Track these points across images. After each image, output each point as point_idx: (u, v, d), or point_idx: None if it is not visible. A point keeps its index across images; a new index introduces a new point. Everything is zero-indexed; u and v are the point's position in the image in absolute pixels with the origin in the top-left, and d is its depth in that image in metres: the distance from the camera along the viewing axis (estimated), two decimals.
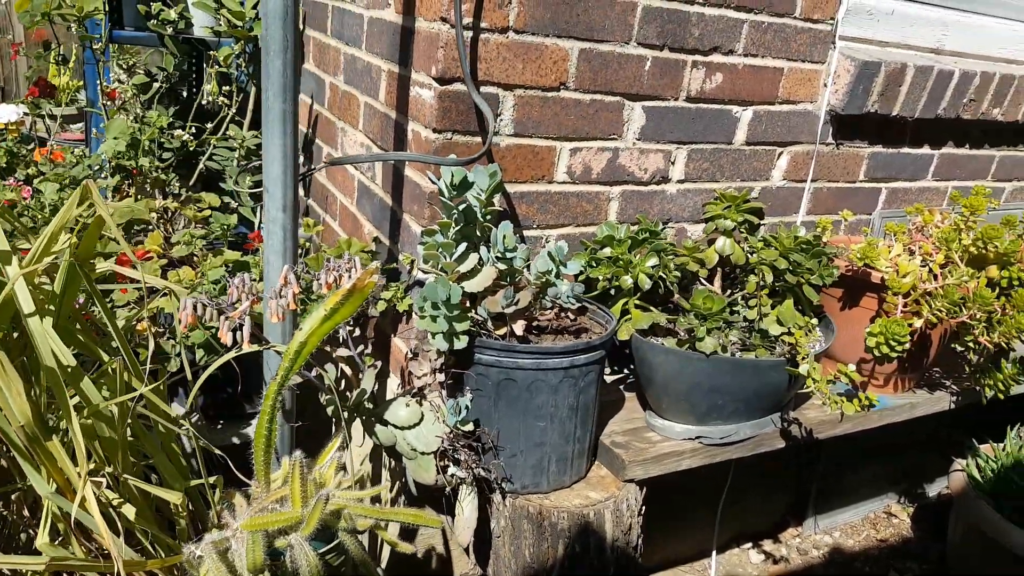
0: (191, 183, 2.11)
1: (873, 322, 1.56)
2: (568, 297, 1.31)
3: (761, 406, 1.50)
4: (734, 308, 1.58)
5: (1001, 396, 1.74)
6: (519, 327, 1.26)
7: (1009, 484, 1.91)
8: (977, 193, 1.77)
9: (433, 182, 1.33)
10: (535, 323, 1.36)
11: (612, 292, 1.51)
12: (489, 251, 1.32)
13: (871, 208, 2.02)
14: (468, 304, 1.29)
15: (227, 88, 2.24)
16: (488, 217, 1.40)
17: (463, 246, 1.27)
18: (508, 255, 1.29)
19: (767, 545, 2.25)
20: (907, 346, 1.49)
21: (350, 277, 1.19)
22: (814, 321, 1.48)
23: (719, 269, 1.61)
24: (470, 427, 1.27)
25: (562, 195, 1.55)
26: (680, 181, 1.69)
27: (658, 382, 1.47)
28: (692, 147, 1.66)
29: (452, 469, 1.30)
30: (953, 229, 1.67)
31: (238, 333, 1.06)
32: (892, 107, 1.83)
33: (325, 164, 1.94)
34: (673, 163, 1.66)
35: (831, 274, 1.56)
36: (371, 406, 1.32)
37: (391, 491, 1.53)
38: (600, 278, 1.50)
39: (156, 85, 2.31)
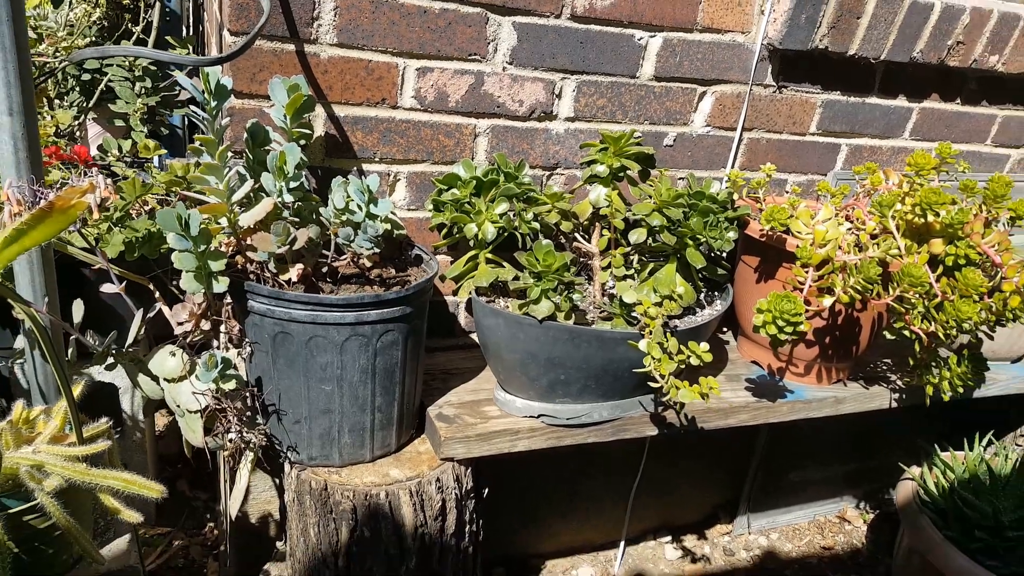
0: None
1: None
2: (363, 241, 1.10)
3: (620, 385, 1.26)
4: (613, 271, 1.34)
5: (946, 398, 1.46)
6: (294, 272, 1.06)
7: (958, 501, 1.62)
8: (943, 150, 1.46)
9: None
10: (335, 271, 1.15)
11: (472, 242, 1.29)
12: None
13: (827, 167, 1.72)
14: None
15: None
16: (303, 142, 1.19)
17: (234, 170, 1.07)
18: (291, 184, 1.08)
19: (689, 541, 2.02)
20: (803, 328, 1.22)
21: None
22: (680, 290, 1.23)
23: (597, 224, 1.36)
24: (232, 385, 1.08)
25: (411, 124, 1.32)
26: (570, 119, 1.44)
27: (491, 349, 1.25)
28: (583, 78, 1.40)
29: (224, 432, 1.13)
30: (895, 194, 1.37)
31: None
32: (848, 44, 1.52)
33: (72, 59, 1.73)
34: (558, 96, 1.40)
35: (722, 237, 1.30)
36: (142, 356, 1.15)
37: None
38: (445, 224, 1.28)
39: None
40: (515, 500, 1.71)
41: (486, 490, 1.37)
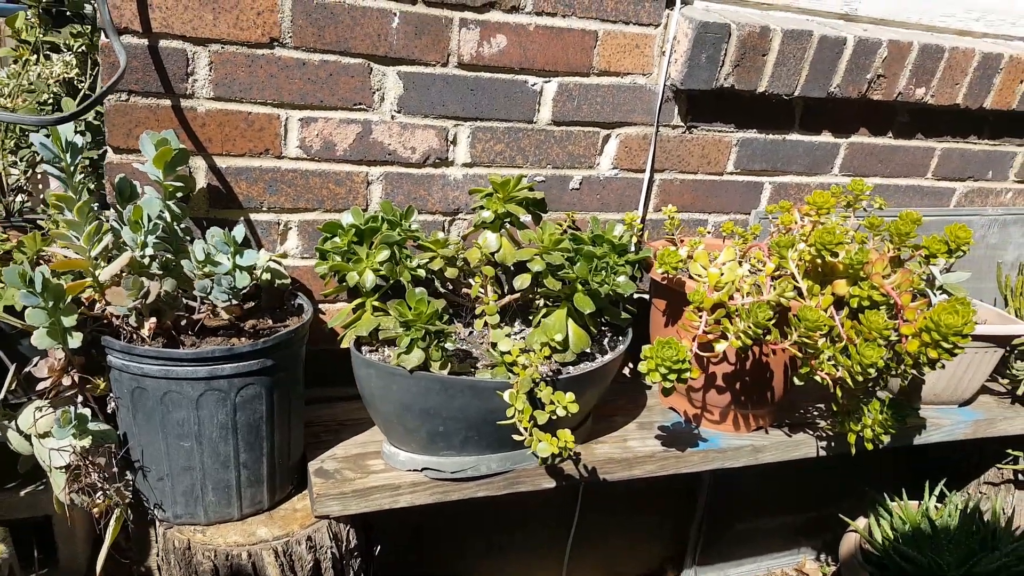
0: None
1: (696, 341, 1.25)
2: (219, 293, 1.09)
3: (507, 436, 1.22)
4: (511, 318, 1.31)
5: (868, 447, 1.38)
6: (147, 327, 1.05)
7: (896, 556, 1.53)
8: (856, 187, 1.42)
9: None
10: (198, 323, 1.14)
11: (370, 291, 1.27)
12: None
13: (750, 206, 1.68)
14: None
15: None
16: (180, 195, 1.19)
17: (95, 224, 1.07)
18: (150, 237, 1.08)
19: None
20: (690, 375, 1.17)
21: None
22: (559, 337, 1.20)
23: (493, 270, 1.34)
24: (87, 442, 1.07)
25: (298, 173, 1.32)
26: (467, 165, 1.43)
27: (368, 401, 1.22)
28: (477, 124, 1.40)
29: (87, 489, 1.11)
30: (790, 238, 1.33)
31: None
32: (756, 82, 1.49)
33: None
34: (452, 143, 1.39)
35: (611, 281, 1.26)
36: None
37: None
38: (326, 274, 1.26)
39: None
40: (439, 553, 1.66)
41: (378, 548, 1.32)
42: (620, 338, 1.41)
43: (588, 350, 1.34)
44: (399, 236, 1.24)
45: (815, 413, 1.57)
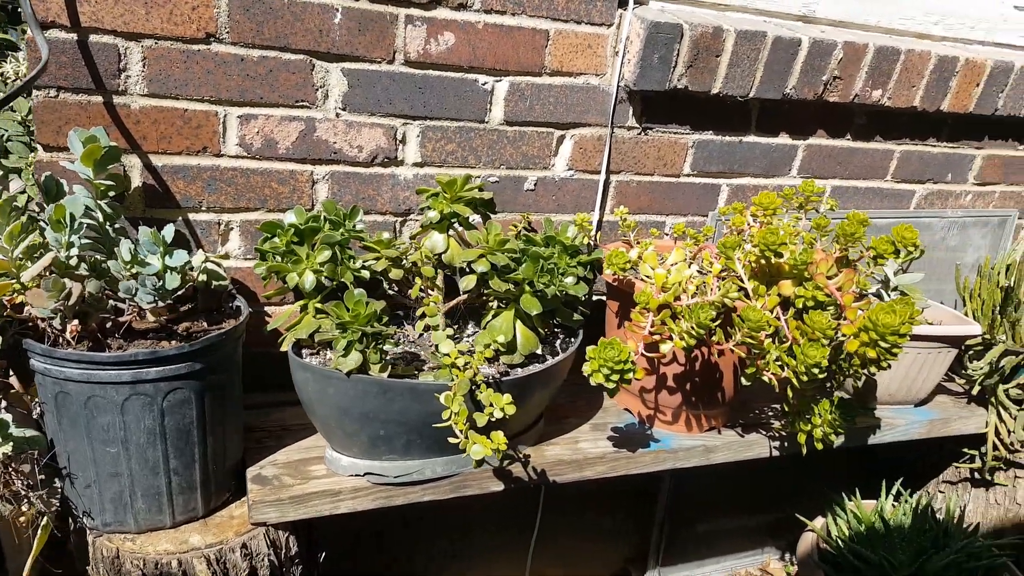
0: None
1: None
2: (144, 295, 1.06)
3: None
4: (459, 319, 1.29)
5: (819, 447, 1.38)
6: (69, 329, 1.02)
7: (850, 555, 1.53)
8: (807, 188, 1.41)
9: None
10: (124, 326, 1.10)
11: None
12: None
13: (708, 208, 1.67)
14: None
15: None
16: (112, 194, 1.16)
17: (18, 223, 1.04)
18: (74, 237, 1.04)
19: None
20: (634, 376, 1.16)
21: None
22: (501, 339, 1.18)
23: (439, 271, 1.32)
24: (8, 448, 1.03)
25: (239, 172, 1.29)
26: (418, 164, 1.40)
27: (307, 405, 1.19)
28: (427, 124, 1.37)
29: (11, 496, 1.07)
30: (736, 238, 1.32)
31: None
32: (710, 83, 1.48)
33: None
34: (402, 142, 1.37)
35: (559, 283, 1.25)
36: None
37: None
38: (266, 275, 1.24)
39: None
40: (400, 556, 1.63)
41: (323, 554, 1.30)
42: (573, 340, 1.39)
43: (539, 352, 1.32)
44: (341, 236, 1.21)
45: (769, 413, 1.56)
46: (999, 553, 1.55)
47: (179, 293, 1.14)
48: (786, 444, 1.49)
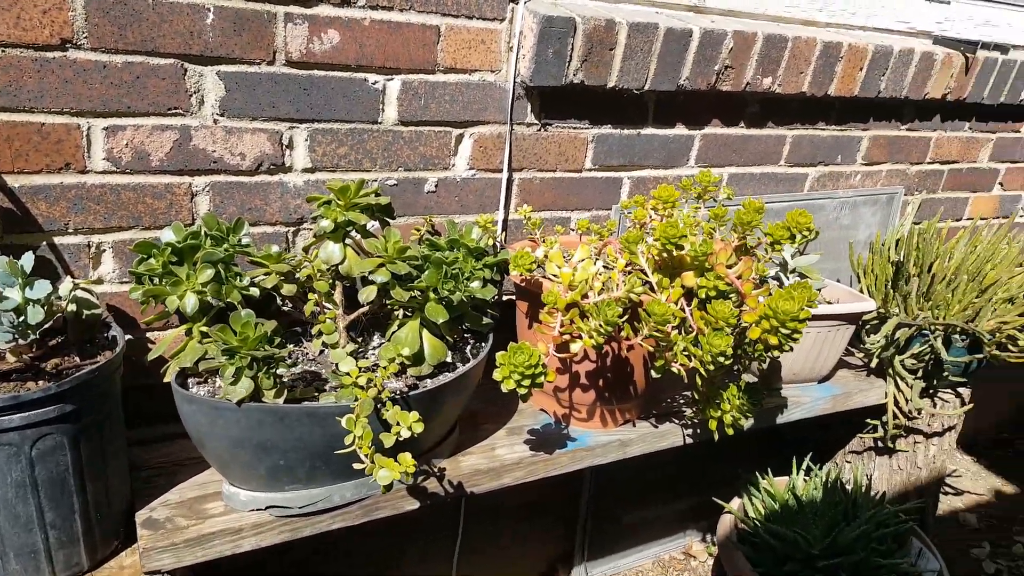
0: None
1: None
2: (2, 333, 0.95)
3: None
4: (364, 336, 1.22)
5: (729, 432, 1.39)
6: None
7: (764, 533, 1.56)
8: (704, 179, 1.42)
9: None
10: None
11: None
12: None
13: (611, 202, 1.66)
14: None
15: None
16: None
17: None
18: None
19: None
20: (545, 379, 1.13)
21: None
22: (406, 351, 1.13)
23: (338, 283, 1.25)
24: None
25: (108, 188, 1.18)
26: (308, 170, 1.33)
27: (195, 439, 1.11)
28: (315, 126, 1.30)
29: None
30: (644, 227, 1.31)
31: None
32: (606, 77, 1.47)
33: None
34: (288, 147, 1.29)
35: (464, 288, 1.21)
36: None
37: None
38: (144, 300, 1.14)
39: None
40: (326, 571, 1.56)
41: None
42: (483, 344, 1.36)
43: (449, 360, 1.28)
44: (224, 253, 1.13)
45: (681, 402, 1.57)
46: (905, 519, 1.62)
47: (46, 327, 1.03)
48: (699, 431, 1.50)
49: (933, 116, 2.05)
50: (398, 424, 1.04)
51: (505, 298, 1.58)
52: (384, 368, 1.11)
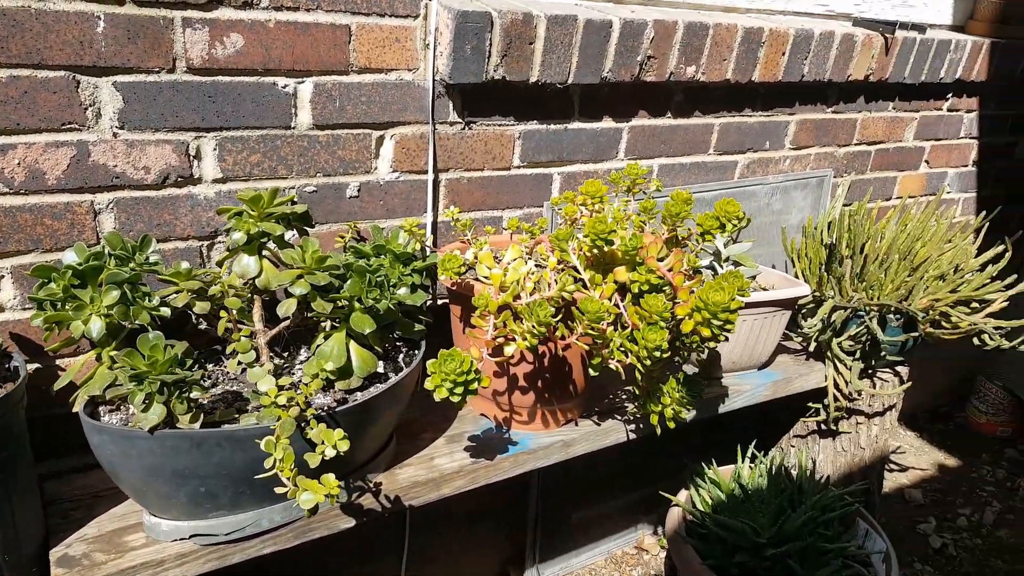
0: None
1: None
2: None
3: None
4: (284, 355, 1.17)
5: (671, 425, 1.38)
6: None
7: (710, 524, 1.56)
8: (631, 171, 1.40)
9: None
10: None
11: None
12: None
13: (543, 199, 1.64)
14: None
15: None
16: None
17: None
18: None
19: None
20: (479, 386, 1.10)
21: None
22: (330, 366, 1.09)
23: (257, 298, 1.20)
24: None
25: (2, 211, 1.11)
26: (219, 180, 1.27)
27: (109, 471, 1.05)
28: (224, 135, 1.24)
29: None
30: (572, 224, 1.29)
31: None
32: (528, 72, 1.44)
33: None
34: (196, 157, 1.24)
35: (390, 296, 1.17)
36: None
37: None
38: (48, 326, 1.07)
39: None
40: None
41: None
42: (416, 352, 1.32)
43: (381, 370, 1.24)
44: (130, 272, 1.07)
45: (623, 397, 1.56)
46: (851, 501, 1.64)
47: None
48: (641, 426, 1.49)
49: (857, 98, 2.08)
50: (323, 443, 1.00)
51: (440, 302, 1.54)
52: (307, 385, 1.07)
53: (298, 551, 1.17)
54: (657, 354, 1.18)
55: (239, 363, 1.13)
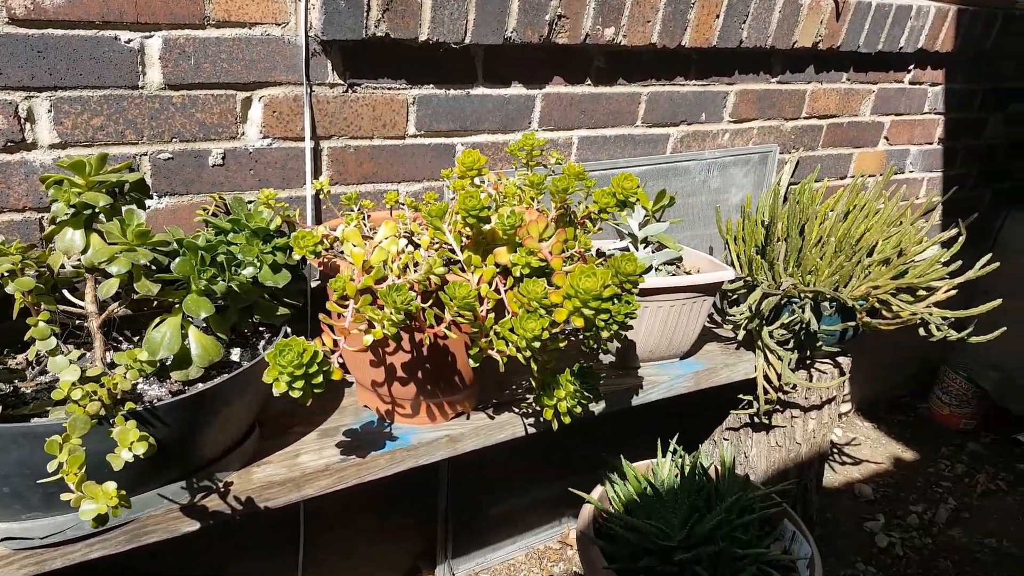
0: None
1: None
2: None
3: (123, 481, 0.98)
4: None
5: (566, 420, 1.27)
6: None
7: (616, 526, 1.45)
8: (526, 142, 1.28)
9: None
10: None
11: None
12: None
13: (439, 172, 1.51)
14: None
15: None
16: None
17: None
18: None
19: None
20: (328, 379, 0.99)
21: None
22: (144, 356, 0.97)
23: (89, 277, 1.07)
24: None
25: None
26: (58, 146, 1.14)
27: None
28: (59, 95, 1.11)
29: None
30: (443, 205, 1.17)
31: None
32: (416, 29, 1.31)
33: None
34: (29, 120, 1.10)
35: (234, 278, 1.05)
36: None
37: None
38: None
39: None
40: None
41: None
42: (277, 339, 1.20)
43: (237, 359, 1.13)
44: None
45: (523, 389, 1.44)
46: (778, 501, 1.53)
47: None
48: (540, 420, 1.38)
49: (806, 67, 1.95)
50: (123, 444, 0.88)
51: (315, 284, 1.42)
52: (125, 377, 0.95)
53: (188, 547, 1.06)
54: (537, 344, 1.06)
55: (37, 352, 1.01)
